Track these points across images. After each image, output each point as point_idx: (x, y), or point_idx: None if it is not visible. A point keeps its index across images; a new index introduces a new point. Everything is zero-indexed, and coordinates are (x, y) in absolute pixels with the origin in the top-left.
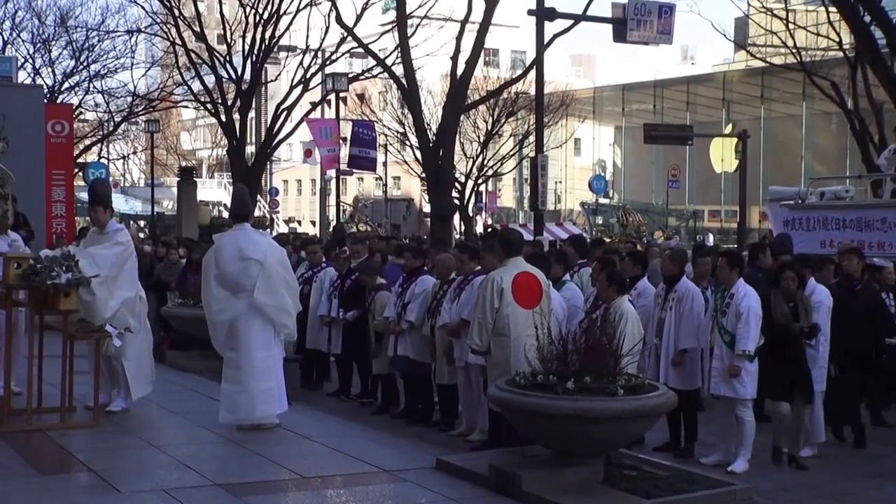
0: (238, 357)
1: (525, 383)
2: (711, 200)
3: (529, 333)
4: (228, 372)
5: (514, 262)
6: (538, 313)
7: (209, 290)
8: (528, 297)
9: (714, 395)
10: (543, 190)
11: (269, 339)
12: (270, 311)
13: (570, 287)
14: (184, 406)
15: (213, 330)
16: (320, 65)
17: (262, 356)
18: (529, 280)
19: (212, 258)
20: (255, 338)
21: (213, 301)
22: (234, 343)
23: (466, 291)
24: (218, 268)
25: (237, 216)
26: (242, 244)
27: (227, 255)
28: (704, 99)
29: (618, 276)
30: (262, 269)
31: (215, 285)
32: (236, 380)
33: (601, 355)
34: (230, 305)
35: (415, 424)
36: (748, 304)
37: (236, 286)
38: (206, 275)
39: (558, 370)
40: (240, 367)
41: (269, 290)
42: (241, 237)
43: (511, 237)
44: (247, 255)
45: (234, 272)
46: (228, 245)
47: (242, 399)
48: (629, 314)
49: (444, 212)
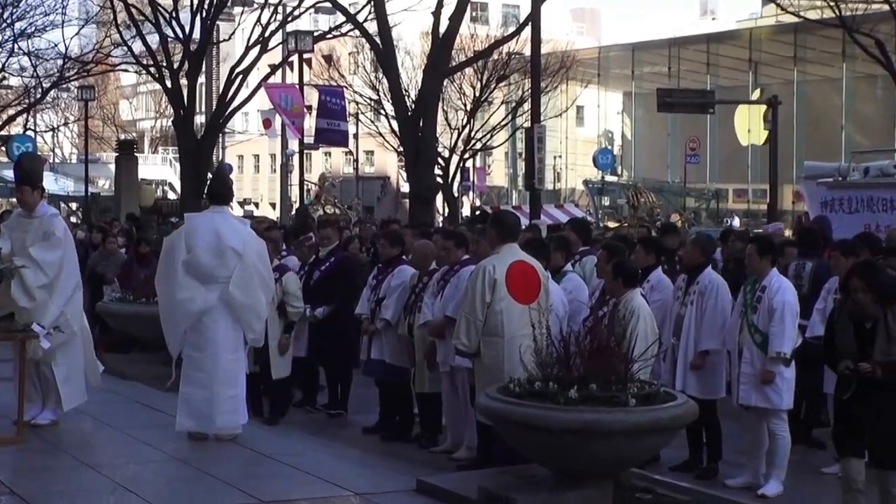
0: (203, 358)
1: (520, 391)
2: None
3: (525, 333)
4: (191, 374)
5: (509, 249)
6: (535, 309)
7: (175, 277)
8: (525, 290)
9: (743, 406)
10: (541, 166)
11: (238, 341)
12: (241, 310)
13: (573, 279)
14: (123, 418)
15: (172, 323)
16: (281, 21)
17: (230, 359)
18: (526, 270)
19: (181, 241)
20: (224, 337)
21: (180, 289)
22: (200, 341)
23: (451, 284)
24: (189, 253)
25: (217, 197)
26: (221, 229)
27: (201, 240)
28: (728, 60)
29: (628, 267)
30: (240, 260)
31: (183, 272)
32: (200, 383)
33: (609, 359)
34: (200, 296)
35: (391, 440)
36: (783, 298)
37: (208, 276)
38: (170, 259)
39: (559, 376)
40: (204, 370)
41: (245, 287)
42: (221, 221)
43: (507, 220)
44: (225, 242)
45: (209, 260)
46: (204, 228)
47: (206, 406)
48: (641, 310)
49: (424, 192)
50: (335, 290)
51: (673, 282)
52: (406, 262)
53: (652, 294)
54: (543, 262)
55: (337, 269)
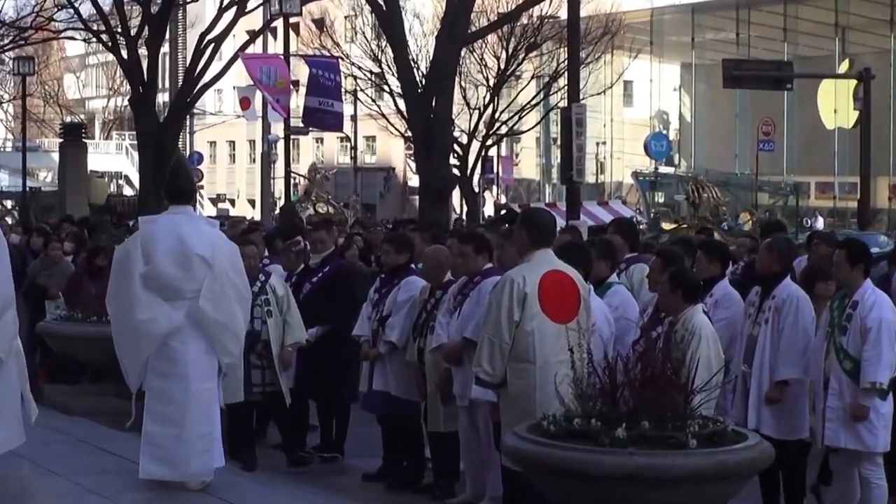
0: (171, 389)
1: (556, 430)
2: (820, 169)
3: (562, 359)
4: (157, 409)
5: (542, 256)
6: (574, 329)
7: (132, 293)
8: (561, 306)
9: (830, 448)
10: (580, 155)
11: (211, 367)
12: (215, 330)
13: (619, 292)
14: (69, 463)
15: (130, 350)
16: None
17: (204, 389)
18: (563, 282)
19: (137, 249)
20: (196, 363)
21: (139, 308)
22: (166, 369)
23: (471, 299)
24: (148, 264)
25: (177, 194)
26: (185, 234)
27: (162, 248)
28: (809, 25)
29: (687, 278)
30: (209, 270)
31: (142, 287)
32: (169, 419)
33: (664, 390)
34: (164, 315)
35: (398, 489)
36: (879, 315)
37: (172, 291)
38: (124, 272)
39: (604, 411)
40: (173, 403)
41: (217, 301)
42: (184, 224)
43: (540, 219)
44: (191, 249)
45: (173, 271)
46: (165, 233)
47: (178, 447)
48: (704, 331)
49: (438, 186)
50: (329, 307)
51: (743, 296)
52: (416, 273)
53: (717, 311)
54: (583, 272)
55: (332, 280)
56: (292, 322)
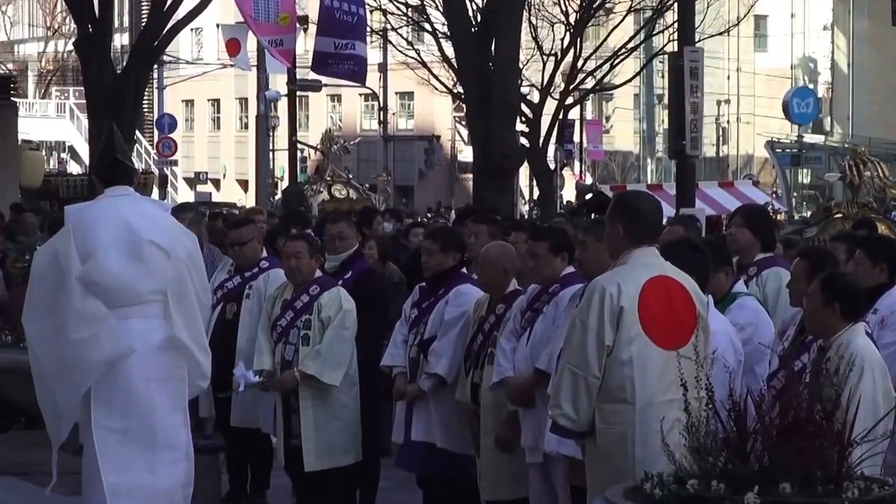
0: (131, 426)
1: (664, 496)
2: None
3: (671, 398)
4: (112, 453)
5: (643, 257)
6: (688, 358)
7: (67, 305)
8: (670, 325)
9: None
10: (696, 118)
11: (181, 394)
12: (185, 342)
13: (748, 306)
14: None
15: (61, 382)
16: None
17: (175, 423)
18: (672, 293)
19: (69, 243)
20: (161, 389)
21: (76, 323)
22: (121, 402)
23: (546, 316)
24: (87, 261)
25: (112, 172)
26: (132, 220)
27: (105, 237)
28: None
29: (846, 287)
30: (169, 262)
31: (80, 294)
32: (130, 465)
33: (812, 441)
34: (110, 331)
35: None
36: None
37: (123, 294)
38: (51, 279)
39: (729, 470)
40: (134, 444)
41: (180, 303)
42: (128, 208)
43: (640, 206)
44: (143, 235)
45: (124, 266)
46: (105, 220)
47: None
48: (868, 360)
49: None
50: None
51: None
52: (469, 280)
53: (884, 333)
54: (700, 280)
55: (355, 290)
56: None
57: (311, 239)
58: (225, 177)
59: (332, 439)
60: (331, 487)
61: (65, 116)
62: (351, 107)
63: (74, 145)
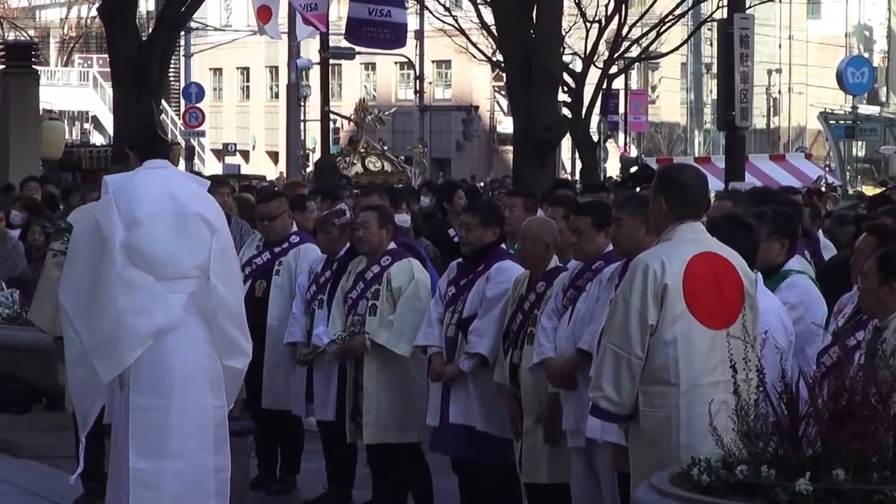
0: (167, 406)
1: (712, 482)
2: None
3: (718, 379)
4: (144, 435)
5: (688, 233)
6: (736, 338)
7: (110, 273)
8: (717, 304)
9: None
10: (745, 88)
11: (219, 376)
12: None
13: (800, 284)
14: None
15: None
16: None
17: (214, 405)
18: (719, 270)
19: (112, 212)
20: (202, 370)
21: (123, 292)
22: (158, 380)
23: (588, 294)
24: (132, 229)
25: (151, 146)
26: (175, 188)
27: (149, 206)
28: None
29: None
30: (215, 238)
31: (123, 263)
32: (160, 449)
33: (866, 425)
34: (159, 300)
35: None
36: None
37: (169, 267)
38: (91, 246)
39: (779, 455)
40: (167, 427)
41: (228, 280)
42: (170, 179)
43: (683, 179)
44: (189, 207)
45: (171, 236)
46: (151, 190)
47: (173, 486)
48: None
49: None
50: None
51: None
52: (509, 256)
53: None
54: (749, 257)
55: None
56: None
57: (382, 209)
58: (254, 148)
59: (395, 414)
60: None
61: (88, 85)
62: (386, 75)
63: (98, 115)
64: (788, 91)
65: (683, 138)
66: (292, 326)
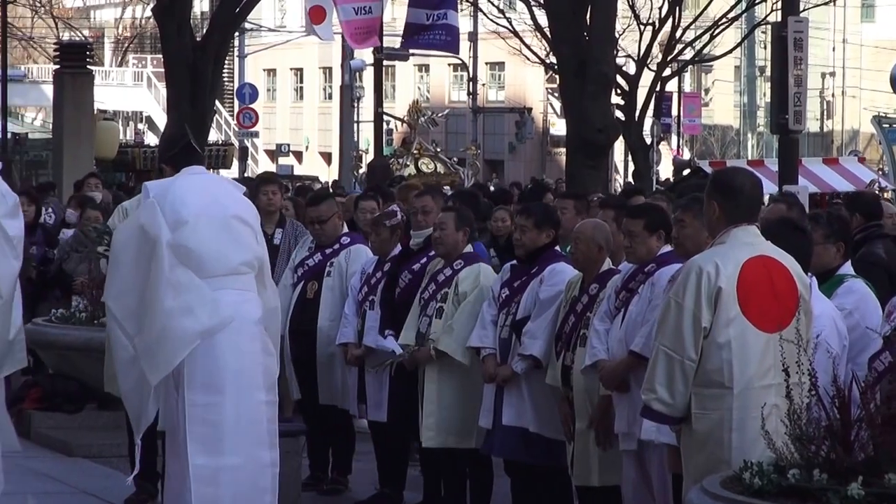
0: (221, 402)
1: (763, 485)
2: None
3: (771, 383)
4: (201, 431)
5: (743, 236)
6: (789, 342)
7: (158, 275)
8: (771, 307)
9: None
10: (799, 91)
11: (273, 372)
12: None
13: (855, 289)
14: None
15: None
16: None
17: (267, 401)
18: (773, 273)
19: (156, 214)
20: (254, 365)
21: (169, 292)
22: (213, 376)
23: (640, 297)
24: (177, 230)
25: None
26: (216, 192)
27: (194, 207)
28: None
29: None
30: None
31: (170, 263)
32: (218, 446)
33: None
34: (205, 300)
35: None
36: None
37: (217, 264)
38: (136, 252)
39: (832, 459)
40: (223, 424)
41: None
42: (210, 183)
43: (736, 183)
44: (229, 210)
45: (215, 237)
46: (193, 192)
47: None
48: None
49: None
50: None
51: None
52: (562, 258)
53: None
54: (803, 260)
55: None
56: (457, 332)
57: (460, 211)
58: (307, 149)
59: (455, 418)
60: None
61: (142, 85)
62: (439, 77)
63: (152, 115)
64: (842, 94)
65: (736, 141)
66: (344, 327)
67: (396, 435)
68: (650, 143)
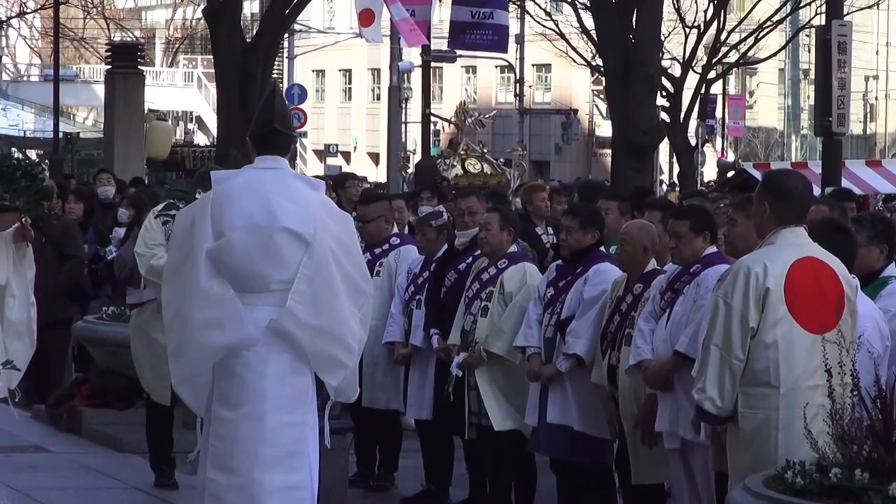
0: (236, 419)
1: (806, 484)
2: None
3: (816, 383)
4: (217, 445)
5: (791, 238)
6: (834, 343)
7: (192, 281)
8: (817, 308)
9: None
10: (843, 94)
11: (300, 393)
12: (310, 338)
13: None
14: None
15: (182, 361)
16: None
17: (286, 423)
18: (820, 275)
19: (206, 218)
20: (277, 386)
21: (199, 302)
22: (231, 391)
23: (686, 297)
24: (219, 238)
25: (267, 139)
26: (273, 198)
27: (239, 215)
28: None
29: None
30: (307, 254)
31: (206, 273)
32: (227, 463)
33: None
34: (235, 316)
35: None
36: None
37: (251, 279)
38: (185, 247)
39: (874, 459)
40: (234, 441)
41: (316, 301)
42: (273, 184)
43: (786, 185)
44: (279, 221)
45: (253, 250)
46: (244, 196)
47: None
48: None
49: (639, 137)
50: None
51: None
52: (606, 258)
53: None
54: (847, 261)
55: None
56: (507, 332)
57: (505, 212)
58: (356, 149)
59: (514, 404)
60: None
61: (192, 85)
62: (486, 79)
63: (202, 115)
64: (885, 97)
65: (780, 143)
66: (391, 326)
67: (441, 432)
68: (695, 144)
